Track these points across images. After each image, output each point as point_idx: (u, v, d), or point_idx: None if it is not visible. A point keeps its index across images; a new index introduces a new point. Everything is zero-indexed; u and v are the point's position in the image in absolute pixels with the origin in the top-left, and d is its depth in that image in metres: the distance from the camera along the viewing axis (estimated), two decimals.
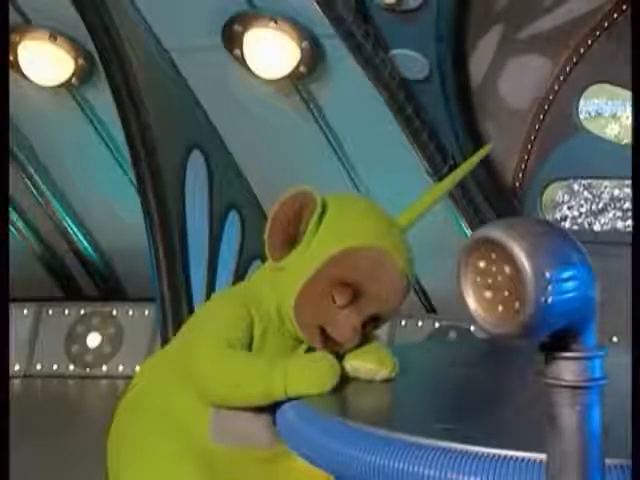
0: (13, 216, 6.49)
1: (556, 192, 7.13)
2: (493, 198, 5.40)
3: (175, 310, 5.20)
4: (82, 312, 6.41)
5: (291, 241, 2.25)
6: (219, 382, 2.23)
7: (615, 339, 4.26)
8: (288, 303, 2.26)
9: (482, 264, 1.24)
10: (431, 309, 6.00)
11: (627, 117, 6.96)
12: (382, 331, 5.83)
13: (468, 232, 5.32)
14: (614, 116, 6.98)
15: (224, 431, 2.32)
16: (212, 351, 2.25)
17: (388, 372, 2.26)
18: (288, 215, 2.23)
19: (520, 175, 5.47)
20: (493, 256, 1.22)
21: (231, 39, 5.14)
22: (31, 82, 5.79)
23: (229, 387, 2.23)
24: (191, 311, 4.99)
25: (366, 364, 2.28)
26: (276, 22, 4.99)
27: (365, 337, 2.32)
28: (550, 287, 1.16)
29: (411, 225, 2.48)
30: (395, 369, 2.27)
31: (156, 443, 2.33)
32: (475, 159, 2.89)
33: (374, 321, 2.31)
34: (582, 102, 5.41)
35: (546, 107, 5.28)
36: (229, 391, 2.23)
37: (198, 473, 2.28)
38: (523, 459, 1.52)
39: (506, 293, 1.21)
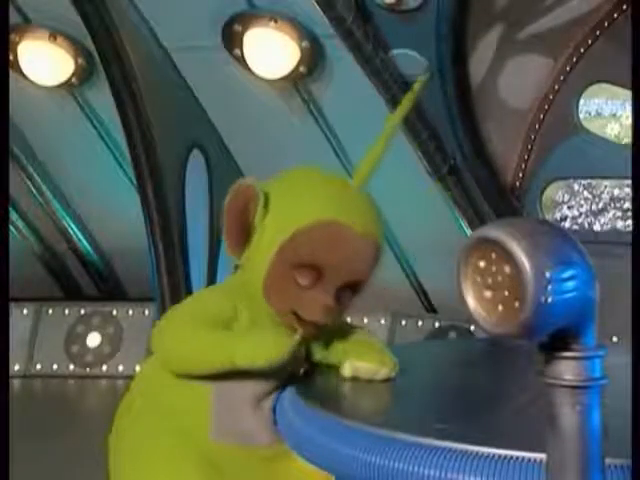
0: (13, 216, 6.49)
1: (556, 192, 7.12)
2: (493, 198, 5.40)
3: None
4: (82, 312, 6.41)
5: (248, 236, 2.26)
6: (178, 347, 2.28)
7: (615, 339, 4.26)
8: (260, 296, 2.28)
9: (482, 264, 1.24)
10: (431, 309, 6.00)
11: (627, 117, 6.95)
12: (382, 331, 5.86)
13: (468, 232, 5.32)
14: (614, 116, 6.97)
15: (225, 430, 2.32)
16: (174, 321, 2.34)
17: (388, 372, 2.26)
18: (236, 212, 2.24)
19: (520, 175, 5.48)
20: (493, 256, 1.22)
21: (231, 39, 5.14)
22: (31, 82, 5.79)
23: (186, 352, 2.27)
24: None
25: (366, 364, 2.28)
26: (276, 22, 4.99)
27: (345, 309, 2.31)
28: (550, 287, 1.16)
29: (366, 180, 2.48)
30: (395, 369, 2.27)
31: (157, 442, 2.33)
32: (415, 91, 2.89)
33: (351, 289, 2.31)
34: (582, 102, 5.41)
35: (546, 107, 5.29)
36: (186, 356, 2.27)
37: (199, 471, 2.28)
38: (523, 459, 1.52)
39: (506, 293, 1.21)
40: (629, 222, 6.85)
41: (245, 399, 2.32)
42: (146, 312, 6.23)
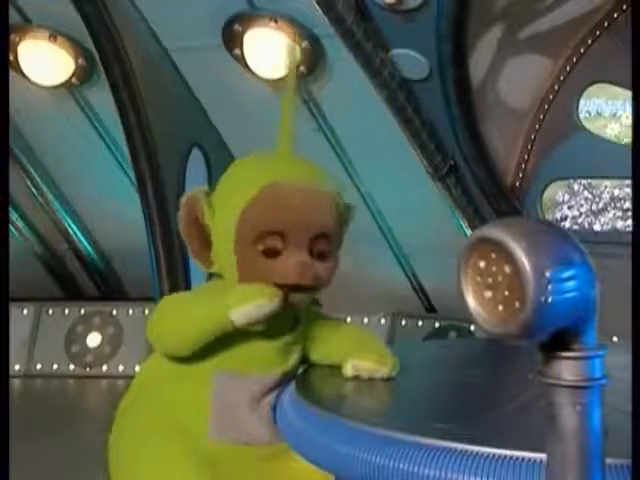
0: (13, 216, 6.50)
1: (556, 192, 7.12)
2: (493, 198, 5.40)
3: None
4: (82, 312, 6.41)
5: (209, 243, 2.31)
6: (167, 318, 2.29)
7: (615, 339, 4.26)
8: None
9: (482, 264, 1.24)
10: (431, 309, 6.00)
11: (627, 117, 6.95)
12: (382, 331, 5.86)
13: (468, 232, 5.33)
14: (614, 116, 6.98)
15: (224, 428, 2.32)
16: (164, 304, 2.37)
17: (389, 371, 2.27)
18: (189, 224, 2.29)
19: (520, 175, 5.47)
20: (493, 256, 1.22)
21: (231, 39, 5.14)
22: (31, 82, 5.79)
23: (177, 319, 2.28)
24: None
25: (367, 363, 2.28)
26: (276, 22, 4.99)
27: (327, 269, 2.31)
28: (550, 287, 1.16)
29: (290, 143, 2.52)
30: (395, 368, 2.27)
31: (156, 443, 2.33)
32: (292, 57, 2.91)
33: (324, 239, 2.31)
34: (582, 102, 5.41)
35: (546, 107, 5.28)
36: (177, 323, 2.26)
37: (198, 471, 2.28)
38: (523, 459, 1.52)
39: (506, 293, 1.21)
40: (629, 222, 6.85)
41: (244, 398, 2.32)
42: (146, 312, 6.23)
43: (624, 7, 4.90)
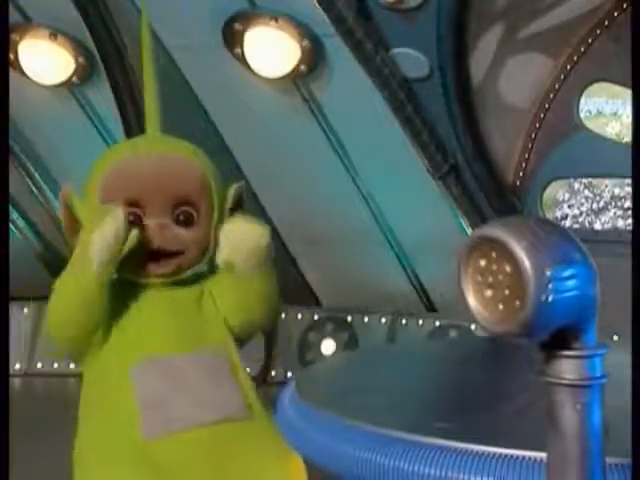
0: (14, 215, 6.50)
1: (557, 191, 7.13)
2: (494, 197, 5.40)
3: None
4: None
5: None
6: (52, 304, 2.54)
7: (615, 338, 4.26)
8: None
9: (482, 263, 1.24)
10: (432, 308, 6.00)
11: (628, 116, 6.95)
12: (383, 330, 5.86)
13: (469, 231, 5.32)
14: (615, 115, 6.97)
15: (155, 422, 2.24)
16: None
17: (261, 229, 2.27)
18: (66, 217, 2.46)
19: (521, 174, 5.47)
20: (493, 255, 1.22)
21: (232, 38, 5.13)
22: (31, 81, 5.79)
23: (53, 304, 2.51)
24: None
25: (233, 225, 2.28)
26: (277, 21, 4.99)
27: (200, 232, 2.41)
28: (551, 285, 1.16)
29: (158, 122, 2.59)
30: (265, 230, 2.28)
31: (93, 465, 2.29)
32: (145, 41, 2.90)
33: (187, 206, 2.36)
34: (583, 101, 5.41)
35: (547, 106, 5.28)
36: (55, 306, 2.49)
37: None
38: (523, 458, 1.52)
39: (507, 292, 1.21)
40: (630, 221, 6.85)
41: (168, 382, 2.27)
42: None
43: (624, 6, 4.90)
